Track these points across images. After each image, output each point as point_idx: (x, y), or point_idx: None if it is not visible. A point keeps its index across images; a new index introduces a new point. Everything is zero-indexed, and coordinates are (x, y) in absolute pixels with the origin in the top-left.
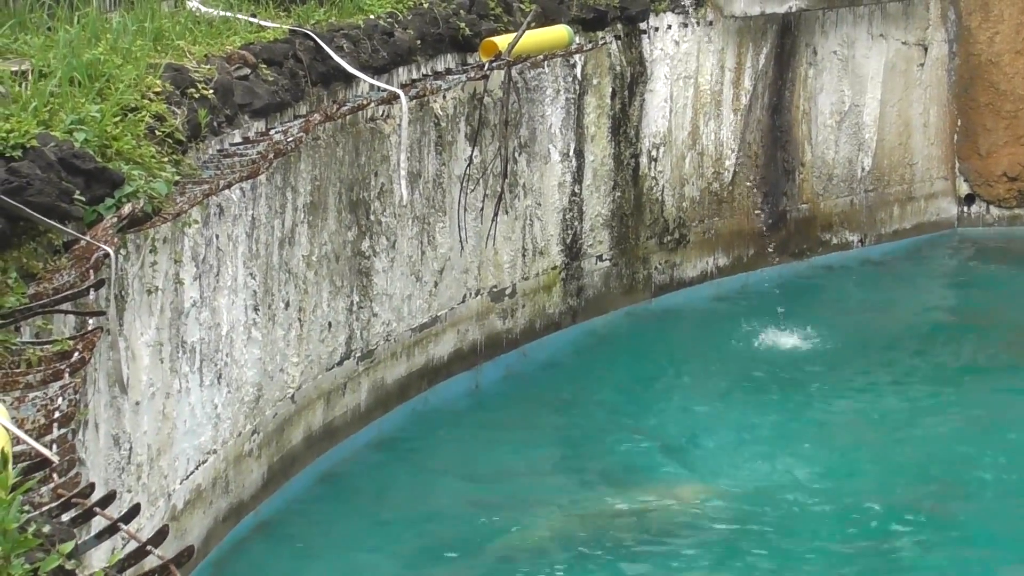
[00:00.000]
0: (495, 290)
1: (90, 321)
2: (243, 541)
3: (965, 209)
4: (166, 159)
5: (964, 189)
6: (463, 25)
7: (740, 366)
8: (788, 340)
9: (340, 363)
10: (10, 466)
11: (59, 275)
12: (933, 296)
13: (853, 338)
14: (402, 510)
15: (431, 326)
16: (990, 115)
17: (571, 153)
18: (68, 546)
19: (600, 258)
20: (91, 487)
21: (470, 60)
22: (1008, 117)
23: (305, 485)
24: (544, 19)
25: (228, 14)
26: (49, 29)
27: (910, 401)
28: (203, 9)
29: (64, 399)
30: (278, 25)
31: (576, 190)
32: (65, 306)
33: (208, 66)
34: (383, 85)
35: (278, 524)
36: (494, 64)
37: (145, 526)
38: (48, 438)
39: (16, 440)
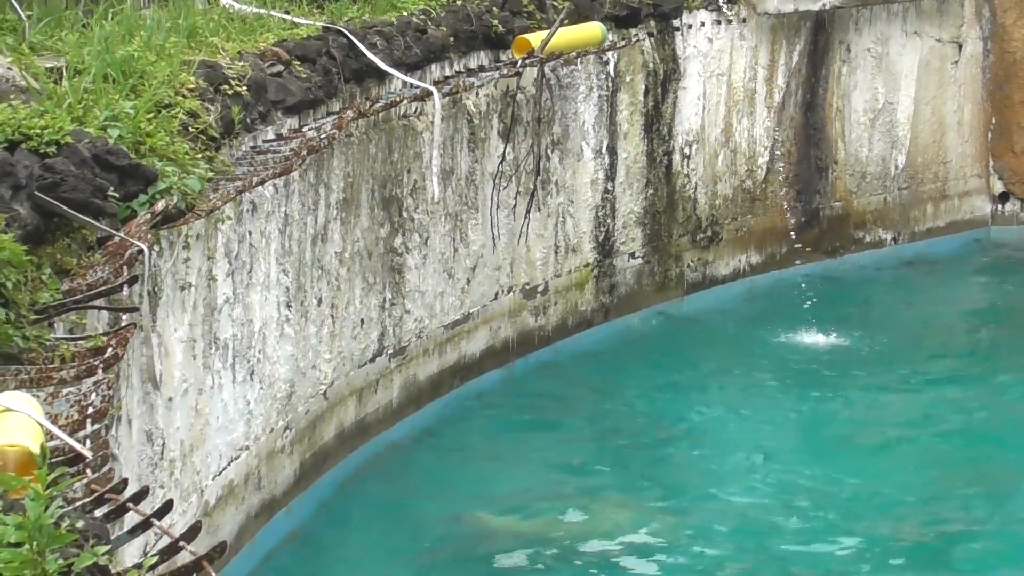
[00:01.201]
0: (527, 287)
1: (123, 317)
2: (275, 537)
3: (999, 207)
4: (199, 155)
5: (998, 187)
6: (496, 22)
7: (773, 364)
8: (821, 338)
9: (372, 360)
10: (46, 462)
11: (93, 271)
12: (967, 295)
13: (887, 337)
14: (434, 507)
15: (463, 323)
16: None
17: (604, 150)
18: (103, 548)
19: (633, 255)
20: (124, 483)
21: (503, 57)
22: None
23: (337, 481)
24: (577, 16)
25: (262, 11)
26: (84, 26)
27: (945, 400)
28: (236, 6)
29: (97, 395)
30: (311, 22)
31: (609, 187)
32: (99, 302)
33: (241, 63)
34: (416, 82)
35: (310, 520)
36: (527, 61)
37: (178, 522)
38: (81, 434)
39: (50, 436)
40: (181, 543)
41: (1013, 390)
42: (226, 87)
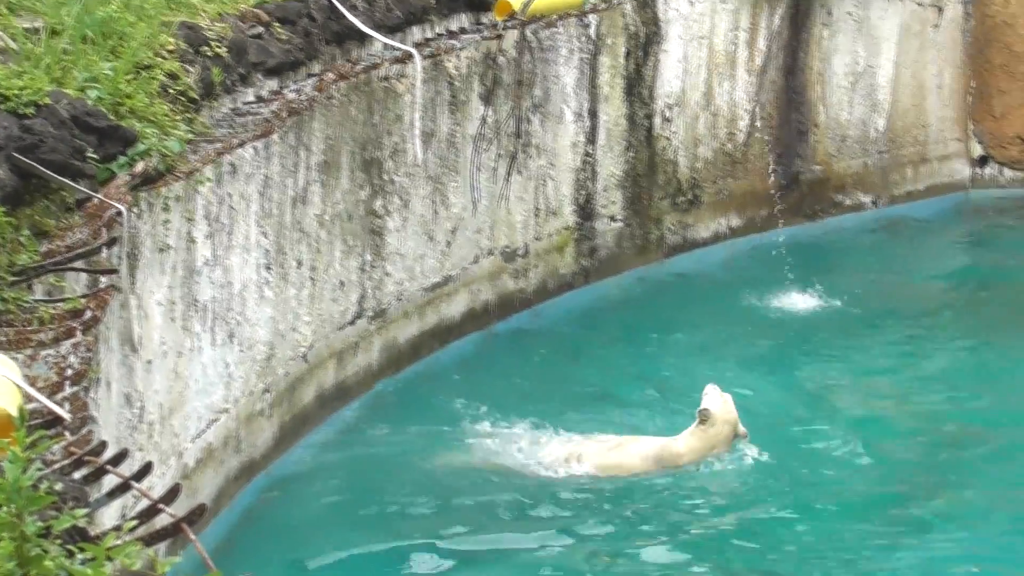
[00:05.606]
0: (508, 250)
1: (102, 279)
2: (254, 499)
3: (978, 171)
4: (179, 117)
5: (977, 151)
6: None
7: (753, 327)
8: (800, 302)
9: (352, 322)
10: (25, 425)
11: (72, 233)
12: (946, 258)
13: (866, 300)
14: (414, 470)
15: (443, 286)
16: (1004, 77)
17: (585, 113)
18: (82, 510)
19: (613, 219)
20: (103, 445)
21: (484, 19)
22: (1022, 79)
23: (316, 444)
24: None
25: None
26: None
27: (922, 364)
28: None
29: (76, 357)
30: None
31: (589, 150)
32: (77, 264)
33: (222, 24)
34: (397, 44)
35: (289, 483)
36: (508, 24)
37: (157, 484)
38: (60, 396)
39: (28, 398)
40: (160, 506)
41: (990, 352)
42: (206, 49)
